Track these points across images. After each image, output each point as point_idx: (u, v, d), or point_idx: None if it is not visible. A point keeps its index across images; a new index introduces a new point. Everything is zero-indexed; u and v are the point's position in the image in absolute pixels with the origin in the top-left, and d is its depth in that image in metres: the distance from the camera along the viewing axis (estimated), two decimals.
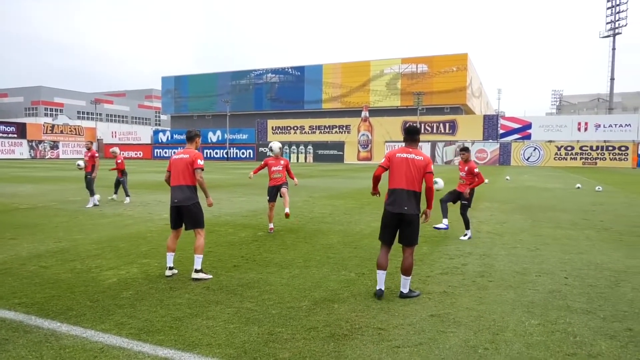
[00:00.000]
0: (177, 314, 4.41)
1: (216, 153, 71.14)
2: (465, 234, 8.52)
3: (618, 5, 65.06)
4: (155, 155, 74.78)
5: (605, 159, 52.18)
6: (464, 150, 8.70)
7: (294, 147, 65.87)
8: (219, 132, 72.21)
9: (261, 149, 67.75)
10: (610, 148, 52.21)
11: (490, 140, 56.88)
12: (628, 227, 9.83)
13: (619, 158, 51.68)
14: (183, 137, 72.84)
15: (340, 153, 63.79)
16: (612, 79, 67.07)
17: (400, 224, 4.99)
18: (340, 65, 71.44)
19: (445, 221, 8.77)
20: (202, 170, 5.81)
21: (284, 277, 5.75)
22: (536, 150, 54.74)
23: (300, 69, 74.15)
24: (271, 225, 9.08)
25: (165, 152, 73.80)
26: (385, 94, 67.99)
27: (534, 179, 27.54)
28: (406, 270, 4.99)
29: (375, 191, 5.44)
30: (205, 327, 4.09)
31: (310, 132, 67.15)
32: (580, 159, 53.04)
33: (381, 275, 5.02)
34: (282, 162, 9.22)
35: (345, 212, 11.84)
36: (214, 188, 19.04)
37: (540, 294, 5.17)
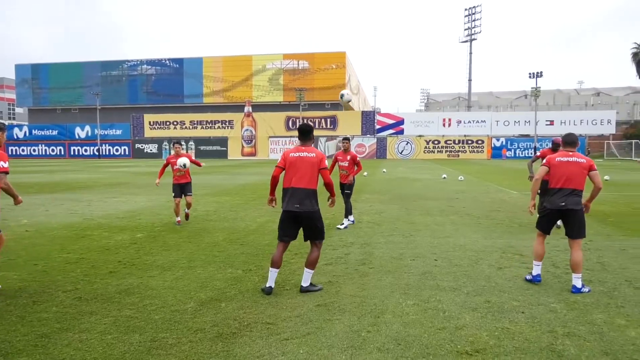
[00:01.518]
0: (42, 330, 3.95)
1: (85, 150, 65.03)
2: (342, 223, 8.94)
3: (473, 14, 73.18)
4: (10, 153, 65.92)
5: (466, 151, 58.53)
6: (346, 139, 9.16)
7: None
8: (88, 128, 66.15)
9: (138, 145, 63.53)
10: (469, 142, 58.67)
11: (368, 135, 60.26)
12: (484, 212, 11.13)
13: (476, 150, 58.34)
14: (45, 132, 65.72)
15: (223, 149, 62.50)
16: (470, 80, 75.31)
17: (299, 222, 5.05)
18: (222, 58, 69.81)
19: (351, 218, 9.13)
20: (6, 174, 4.85)
21: (167, 280, 5.48)
22: (408, 144, 59.35)
23: (179, 61, 70.87)
24: (178, 219, 9.28)
25: (23, 150, 65.72)
26: (268, 89, 68.10)
27: (407, 171, 29.83)
28: (311, 264, 5.06)
29: (272, 196, 5.34)
30: (78, 341, 3.73)
31: (191, 127, 64.70)
32: (446, 151, 58.77)
33: (274, 273, 5.02)
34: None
35: (231, 209, 11.65)
36: (85, 189, 17.41)
37: (414, 276, 5.63)
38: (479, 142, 58.48)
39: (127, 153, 63.99)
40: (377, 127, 60.67)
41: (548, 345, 3.65)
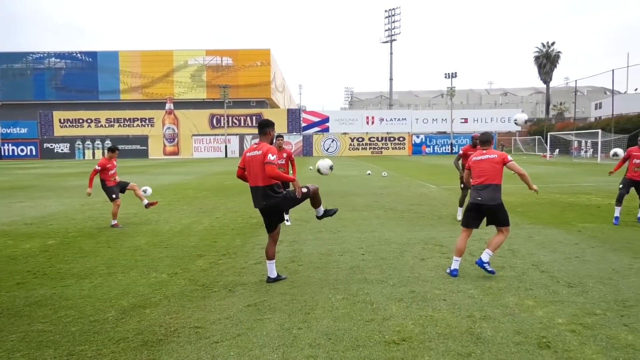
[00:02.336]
0: None
1: None
2: (287, 220, 9.07)
3: (393, 15, 75.89)
4: None
5: (389, 148, 60.70)
6: (280, 137, 9.09)
7: (88, 142, 59.03)
8: None
9: (46, 144, 58.80)
10: (392, 139, 60.93)
11: (295, 133, 60.46)
12: (407, 206, 11.61)
13: (398, 147, 60.72)
14: None
15: (144, 148, 59.66)
16: (391, 79, 78.15)
17: (269, 214, 5.29)
18: (140, 53, 66.48)
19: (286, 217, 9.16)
20: None
21: (85, 289, 5.13)
22: (334, 141, 60.39)
23: (92, 54, 66.46)
24: (115, 221, 9.03)
25: None
26: (190, 85, 65.94)
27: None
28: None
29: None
30: None
31: (107, 125, 61.02)
32: (370, 148, 60.54)
33: (271, 264, 5.39)
34: (115, 162, 9.39)
35: (153, 211, 11.15)
36: None
37: (343, 271, 5.74)
38: (401, 139, 60.91)
39: (34, 153, 58.97)
40: (303, 124, 61.08)
41: (467, 329, 3.89)
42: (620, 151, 10.47)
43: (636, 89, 70.00)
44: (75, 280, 5.47)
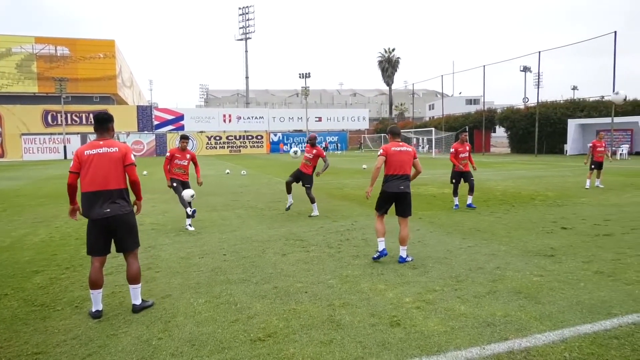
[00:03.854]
0: None
1: None
2: (189, 224, 8.61)
3: (247, 14, 75.79)
4: None
5: (247, 146, 60.71)
6: (185, 138, 8.89)
7: None
8: None
9: None
10: (250, 137, 61.03)
11: (146, 132, 56.75)
12: (268, 204, 11.75)
13: (257, 145, 61.10)
14: None
15: None
16: (247, 77, 78.03)
17: (111, 229, 4.30)
18: None
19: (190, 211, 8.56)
20: None
21: None
22: (190, 140, 58.15)
23: None
24: None
25: None
26: (17, 77, 57.14)
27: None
28: (134, 278, 4.39)
29: (73, 205, 4.44)
30: None
31: None
32: (228, 147, 59.79)
33: (97, 295, 4.26)
34: None
35: None
36: None
37: (204, 274, 5.57)
38: (259, 137, 61.37)
39: None
40: (156, 122, 57.66)
41: (328, 318, 4.09)
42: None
43: (460, 93, 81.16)
44: None
